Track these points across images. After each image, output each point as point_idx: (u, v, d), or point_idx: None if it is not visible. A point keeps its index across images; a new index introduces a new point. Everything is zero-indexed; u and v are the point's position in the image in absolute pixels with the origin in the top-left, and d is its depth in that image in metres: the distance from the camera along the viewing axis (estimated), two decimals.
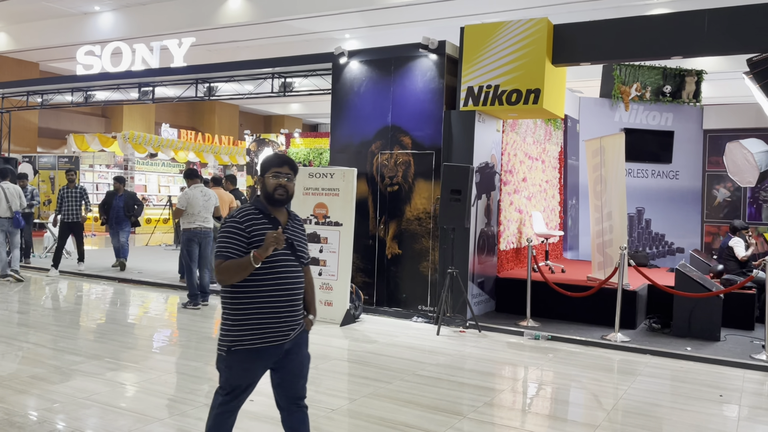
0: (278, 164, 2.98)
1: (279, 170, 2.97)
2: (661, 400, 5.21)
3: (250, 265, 2.78)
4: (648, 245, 12.07)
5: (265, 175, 2.99)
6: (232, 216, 2.92)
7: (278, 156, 3.04)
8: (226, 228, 2.90)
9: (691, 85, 12.05)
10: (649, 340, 7.00)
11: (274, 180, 2.96)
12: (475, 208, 7.71)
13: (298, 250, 3.01)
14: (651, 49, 7.08)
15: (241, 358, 2.89)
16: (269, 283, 2.88)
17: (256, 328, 2.88)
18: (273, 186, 2.95)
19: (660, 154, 11.95)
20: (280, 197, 2.96)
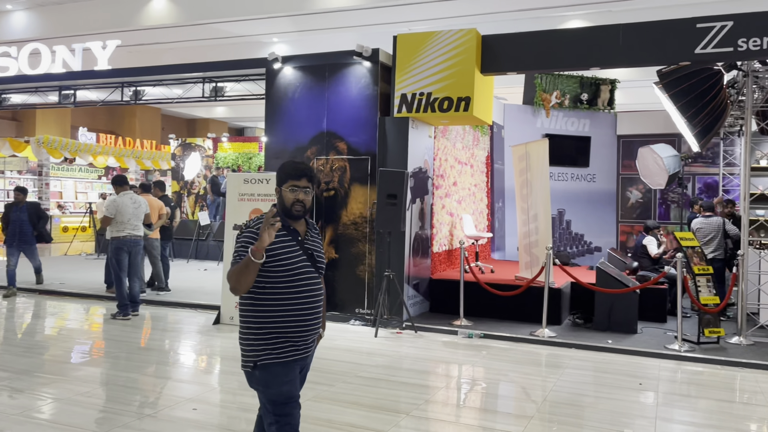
0: (296, 176, 2.82)
1: (297, 183, 2.82)
2: (587, 390, 5.58)
3: (251, 261, 2.65)
4: (569, 245, 12.72)
5: (282, 187, 2.84)
6: (249, 226, 2.80)
7: (296, 167, 2.86)
8: (243, 238, 2.77)
9: (605, 93, 12.81)
10: (573, 334, 7.43)
11: (291, 194, 2.81)
12: (410, 212, 7.93)
13: (318, 261, 2.92)
14: (571, 60, 7.53)
15: (273, 372, 2.79)
16: (295, 295, 2.80)
17: (285, 340, 2.80)
18: (291, 201, 2.81)
19: (578, 159, 12.64)
20: (297, 213, 2.83)
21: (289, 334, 2.80)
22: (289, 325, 2.79)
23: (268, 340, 2.79)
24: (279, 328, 2.79)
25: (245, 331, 2.85)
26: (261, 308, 2.80)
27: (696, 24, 6.80)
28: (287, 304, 2.79)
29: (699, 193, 12.17)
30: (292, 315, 2.79)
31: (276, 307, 2.78)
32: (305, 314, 2.82)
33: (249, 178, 7.92)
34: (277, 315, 2.78)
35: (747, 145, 7.68)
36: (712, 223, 8.70)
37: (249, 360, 2.83)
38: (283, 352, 2.79)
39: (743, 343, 7.05)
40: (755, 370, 6.21)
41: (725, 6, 10.46)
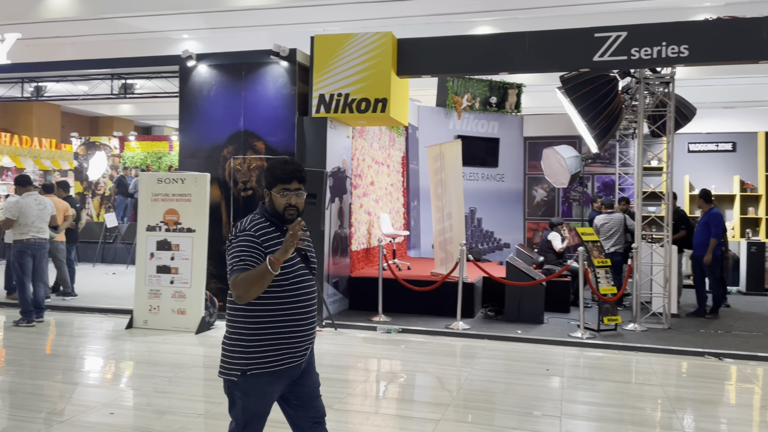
0: (286, 179, 2.66)
1: (287, 187, 2.66)
2: (499, 377, 5.89)
3: (268, 272, 2.50)
4: (480, 242, 13.23)
5: (271, 191, 2.68)
6: (244, 229, 2.65)
7: (284, 168, 2.68)
8: (240, 241, 2.62)
9: (513, 97, 13.42)
10: (486, 326, 7.79)
11: (283, 199, 2.65)
12: (329, 211, 8.02)
13: (311, 261, 2.79)
14: (481, 65, 7.88)
15: (260, 383, 2.61)
16: (290, 298, 2.64)
17: (278, 347, 2.63)
18: (283, 206, 2.66)
19: (488, 159, 13.18)
20: (291, 217, 2.67)
21: (286, 340, 2.65)
22: (287, 330, 2.64)
23: (262, 348, 2.62)
24: (275, 334, 2.63)
25: (236, 337, 2.67)
26: (256, 314, 2.63)
27: (594, 33, 7.31)
28: (283, 308, 2.64)
29: (598, 192, 13.01)
30: (290, 320, 2.65)
31: (272, 312, 2.63)
32: (303, 318, 2.68)
33: (163, 178, 7.74)
34: (274, 321, 2.63)
35: (639, 147, 8.34)
36: (614, 218, 9.34)
37: (236, 367, 2.63)
38: (275, 360, 2.63)
39: (638, 330, 7.65)
40: (649, 354, 6.77)
41: (621, 17, 11.24)
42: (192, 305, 7.51)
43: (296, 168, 2.70)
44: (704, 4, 12.28)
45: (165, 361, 6.21)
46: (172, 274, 7.57)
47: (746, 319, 8.61)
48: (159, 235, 7.65)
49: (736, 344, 6.99)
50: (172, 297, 7.54)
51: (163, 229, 7.68)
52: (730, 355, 6.61)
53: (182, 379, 5.56)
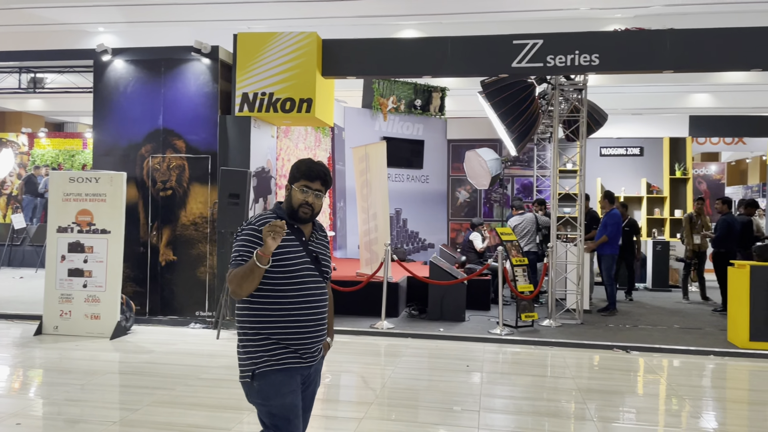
0: (310, 177, 2.61)
1: (309, 184, 2.61)
2: (422, 375, 6.01)
3: (256, 266, 2.44)
4: (405, 242, 13.41)
5: (293, 185, 2.64)
6: (249, 222, 2.61)
7: (312, 167, 2.64)
8: (242, 236, 2.58)
9: (437, 100, 13.69)
10: (409, 325, 7.91)
11: (301, 195, 2.61)
12: (253, 211, 7.91)
13: (323, 265, 2.72)
14: (406, 67, 8.00)
15: (273, 381, 2.57)
16: (294, 299, 2.59)
17: (283, 347, 2.59)
18: (299, 202, 2.61)
19: (413, 161, 13.38)
20: (303, 215, 2.62)
21: (289, 341, 2.59)
22: (289, 331, 2.59)
23: (266, 347, 2.58)
24: (278, 334, 2.58)
25: (243, 339, 2.64)
26: (259, 313, 2.59)
27: (513, 41, 7.57)
28: (287, 308, 2.58)
29: (517, 193, 13.47)
30: (291, 321, 2.59)
31: (275, 311, 2.58)
32: (306, 320, 2.61)
33: (76, 177, 7.40)
34: (275, 320, 2.58)
35: (555, 151, 8.71)
36: (527, 219, 9.70)
37: (246, 369, 2.61)
38: (283, 358, 2.58)
39: (553, 325, 7.99)
40: (563, 348, 7.09)
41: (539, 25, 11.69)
42: (107, 309, 7.22)
43: (323, 170, 2.65)
44: (615, 15, 12.96)
45: (77, 368, 5.94)
46: (86, 278, 7.25)
47: (652, 313, 9.15)
48: (71, 236, 7.32)
49: (642, 337, 7.43)
50: (85, 301, 7.22)
51: (75, 230, 7.34)
52: (637, 347, 7.01)
53: (96, 387, 5.34)
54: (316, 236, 2.73)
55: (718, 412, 5.10)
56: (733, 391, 5.83)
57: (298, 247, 2.63)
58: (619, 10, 12.65)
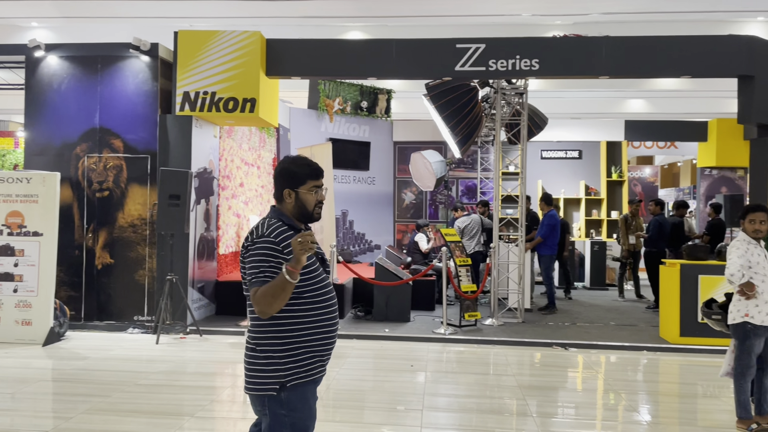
0: (316, 176, 2.58)
1: (317, 183, 2.57)
2: (367, 376, 6.02)
3: (287, 282, 2.34)
4: (352, 243, 13.40)
5: (298, 189, 2.54)
6: (262, 236, 2.45)
7: (311, 165, 2.59)
8: (260, 250, 2.43)
9: (383, 102, 13.75)
10: (355, 326, 7.91)
11: (315, 196, 2.56)
12: (194, 213, 7.74)
13: (327, 264, 2.69)
14: (351, 69, 8.01)
15: (302, 393, 2.49)
16: (318, 303, 2.52)
17: (313, 354, 2.50)
18: (313, 203, 2.56)
19: (359, 162, 13.40)
20: (318, 216, 2.60)
21: (318, 348, 2.52)
22: (319, 338, 2.51)
23: (296, 358, 2.48)
24: (308, 343, 2.49)
25: (267, 349, 2.49)
26: (288, 324, 2.48)
27: (456, 44, 7.68)
28: (315, 314, 2.51)
29: (461, 195, 13.67)
30: (320, 327, 2.52)
31: (307, 320, 2.49)
32: (331, 324, 2.57)
33: (6, 177, 7.08)
34: (307, 329, 2.49)
35: (498, 153, 8.88)
36: (474, 219, 9.84)
37: (272, 382, 2.47)
38: (313, 369, 2.51)
39: (495, 324, 8.14)
40: (505, 346, 7.23)
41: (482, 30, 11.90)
42: (39, 315, 6.92)
43: (318, 164, 2.63)
44: (555, 21, 13.33)
45: (7, 376, 5.68)
46: (16, 282, 6.94)
47: (589, 311, 9.45)
48: (0, 239, 6.99)
49: (580, 335, 7.65)
50: (16, 307, 6.91)
51: (5, 232, 7.02)
52: (575, 344, 7.22)
53: (27, 395, 5.12)
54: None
55: (651, 406, 5.31)
56: (665, 385, 6.08)
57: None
58: (559, 17, 13.03)
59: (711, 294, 6.07)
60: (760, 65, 7.17)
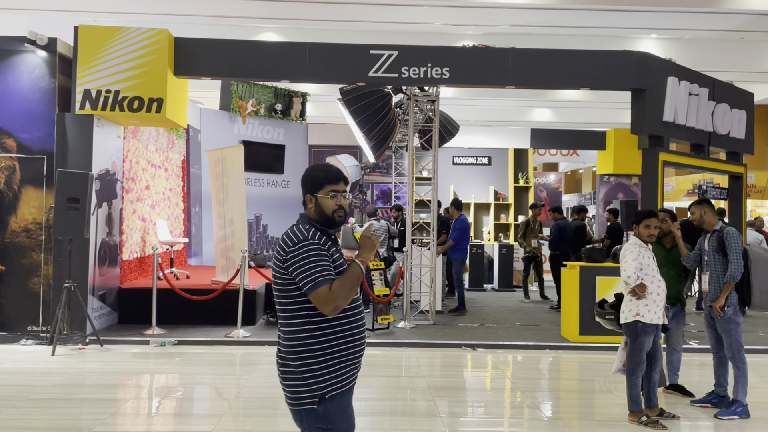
0: (334, 181, 2.55)
1: (336, 188, 2.54)
2: (278, 383, 5.91)
3: (362, 272, 2.43)
4: (266, 248, 13.19)
5: (317, 194, 2.53)
6: (303, 239, 2.42)
7: (329, 170, 2.58)
8: (307, 253, 2.39)
9: (298, 105, 13.65)
10: (267, 332, 7.78)
11: (332, 201, 2.53)
12: (95, 217, 7.36)
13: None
14: (263, 71, 7.89)
15: (340, 404, 2.45)
16: (354, 311, 2.51)
17: (348, 362, 2.48)
18: (333, 208, 2.53)
19: (274, 165, 13.22)
20: (340, 219, 2.56)
21: (351, 355, 2.49)
22: (351, 344, 2.49)
23: (332, 368, 2.44)
24: (342, 351, 2.46)
25: (303, 361, 2.43)
26: (324, 332, 2.43)
27: (369, 50, 7.74)
28: (347, 322, 2.48)
29: (376, 200, 13.78)
30: (351, 333, 2.49)
31: (337, 328, 2.45)
32: (359, 329, 2.54)
33: None
34: (339, 337, 2.45)
35: (411, 158, 9.03)
36: (381, 225, 9.91)
37: (310, 395, 2.42)
38: (348, 376, 2.49)
39: (408, 327, 8.26)
40: (416, 349, 7.35)
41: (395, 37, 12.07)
42: None
43: (340, 170, 2.62)
44: (467, 32, 13.74)
45: None
46: None
47: (497, 312, 9.77)
48: None
49: (487, 335, 7.90)
50: None
51: None
52: (484, 345, 7.45)
53: None
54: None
55: (553, 402, 5.56)
56: (566, 382, 6.38)
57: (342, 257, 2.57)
58: (470, 27, 13.44)
59: (605, 294, 6.44)
60: (651, 80, 7.69)
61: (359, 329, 2.53)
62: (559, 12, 12.24)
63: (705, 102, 8.28)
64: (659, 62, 7.91)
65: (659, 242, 5.37)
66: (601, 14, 12.32)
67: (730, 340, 4.90)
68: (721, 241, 4.94)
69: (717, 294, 4.95)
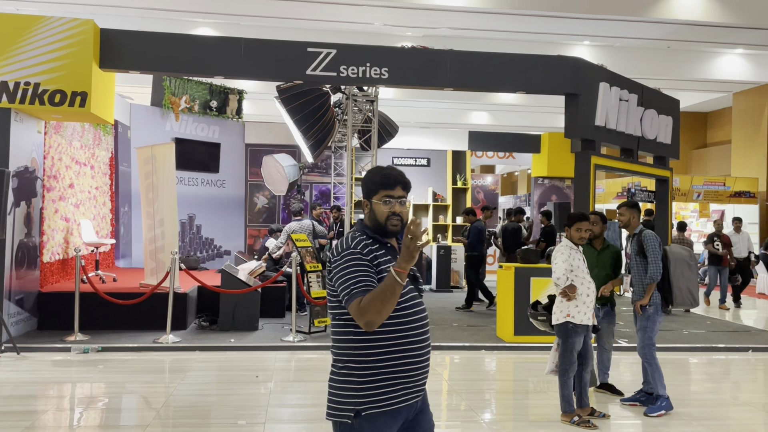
0: (389, 185, 2.34)
1: (391, 194, 2.33)
2: (209, 390, 5.72)
3: (396, 284, 2.13)
4: (199, 249, 12.80)
5: (371, 199, 2.36)
6: (347, 248, 2.28)
7: (386, 174, 2.37)
8: (347, 263, 2.24)
9: (234, 102, 13.31)
10: (198, 337, 7.52)
11: (385, 207, 2.33)
12: (12, 216, 6.91)
13: (419, 282, 2.42)
14: (197, 66, 7.61)
15: (377, 425, 2.27)
16: (405, 324, 2.28)
17: (394, 382, 2.27)
18: (385, 215, 2.33)
19: (209, 164, 12.85)
20: (394, 228, 2.34)
21: (402, 374, 2.28)
22: (403, 362, 2.28)
23: (374, 384, 2.26)
24: (390, 368, 2.27)
25: (345, 372, 2.30)
26: (369, 344, 2.27)
27: (307, 48, 7.60)
28: (400, 336, 2.28)
29: (315, 200, 13.61)
30: (406, 350, 2.28)
31: (388, 341, 2.27)
32: (418, 348, 2.31)
33: None
34: (389, 351, 2.27)
35: (351, 158, 8.93)
36: (304, 225, 9.73)
37: (346, 408, 2.28)
38: (392, 398, 2.28)
39: None
40: None
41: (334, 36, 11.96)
42: None
43: (400, 174, 2.38)
44: (406, 33, 13.77)
45: None
46: None
47: (434, 313, 9.79)
48: None
49: None
50: None
51: None
52: None
53: None
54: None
55: (488, 403, 5.58)
56: (501, 383, 6.44)
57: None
58: (410, 29, 13.48)
59: (539, 296, 6.53)
60: (584, 85, 7.88)
61: (415, 347, 2.31)
62: (497, 16, 12.45)
63: (634, 107, 8.56)
64: (592, 68, 8.12)
65: (590, 244, 5.48)
66: (536, 20, 12.63)
67: (644, 336, 5.07)
68: (640, 244, 5.10)
69: (641, 294, 5.10)
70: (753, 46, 14.07)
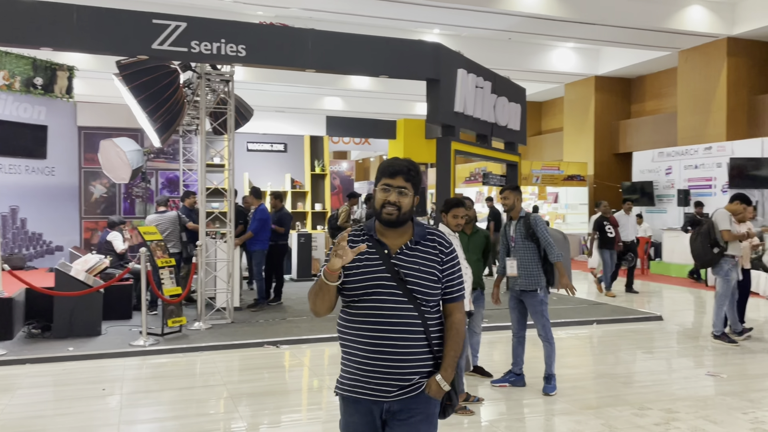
0: (390, 174, 2.34)
1: (389, 182, 2.33)
2: (44, 409, 4.93)
3: (323, 283, 2.23)
4: (25, 246, 11.31)
5: (376, 187, 2.38)
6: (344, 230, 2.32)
7: (390, 163, 2.36)
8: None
9: (63, 80, 11.84)
10: (28, 348, 6.54)
11: (382, 194, 2.33)
12: None
13: (410, 284, 2.27)
14: (16, 35, 6.52)
15: (343, 407, 2.40)
16: (363, 321, 2.28)
17: (350, 373, 2.34)
18: (381, 202, 2.33)
19: (34, 149, 11.30)
20: (388, 217, 2.31)
21: (358, 367, 2.31)
22: (358, 357, 2.30)
23: (342, 370, 2.39)
24: (347, 357, 2.35)
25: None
26: (341, 332, 2.37)
27: (152, 20, 6.81)
28: (355, 331, 2.30)
29: (162, 188, 12.60)
30: (358, 345, 2.29)
31: (347, 331, 2.33)
32: (373, 347, 2.26)
33: None
34: (348, 343, 2.34)
35: (202, 143, 8.25)
36: (167, 218, 8.96)
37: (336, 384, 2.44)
38: (349, 386, 2.33)
39: (203, 328, 7.56)
40: (213, 352, 6.71)
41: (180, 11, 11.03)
42: None
43: (406, 165, 2.35)
44: (257, 12, 13.14)
45: None
46: None
47: (298, 305, 9.45)
48: None
49: (290, 330, 7.54)
50: None
51: None
52: (286, 341, 7.07)
53: None
54: (412, 248, 2.33)
55: None
56: None
57: (376, 262, 2.30)
58: (261, 8, 12.88)
59: None
60: (445, 70, 7.91)
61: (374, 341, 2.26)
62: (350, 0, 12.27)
63: (488, 94, 8.80)
64: (451, 54, 8.18)
65: (461, 230, 5.47)
66: (389, 5, 12.62)
67: (543, 320, 5.18)
68: (528, 227, 5.16)
69: (529, 279, 5.15)
70: (583, 40, 15.26)
